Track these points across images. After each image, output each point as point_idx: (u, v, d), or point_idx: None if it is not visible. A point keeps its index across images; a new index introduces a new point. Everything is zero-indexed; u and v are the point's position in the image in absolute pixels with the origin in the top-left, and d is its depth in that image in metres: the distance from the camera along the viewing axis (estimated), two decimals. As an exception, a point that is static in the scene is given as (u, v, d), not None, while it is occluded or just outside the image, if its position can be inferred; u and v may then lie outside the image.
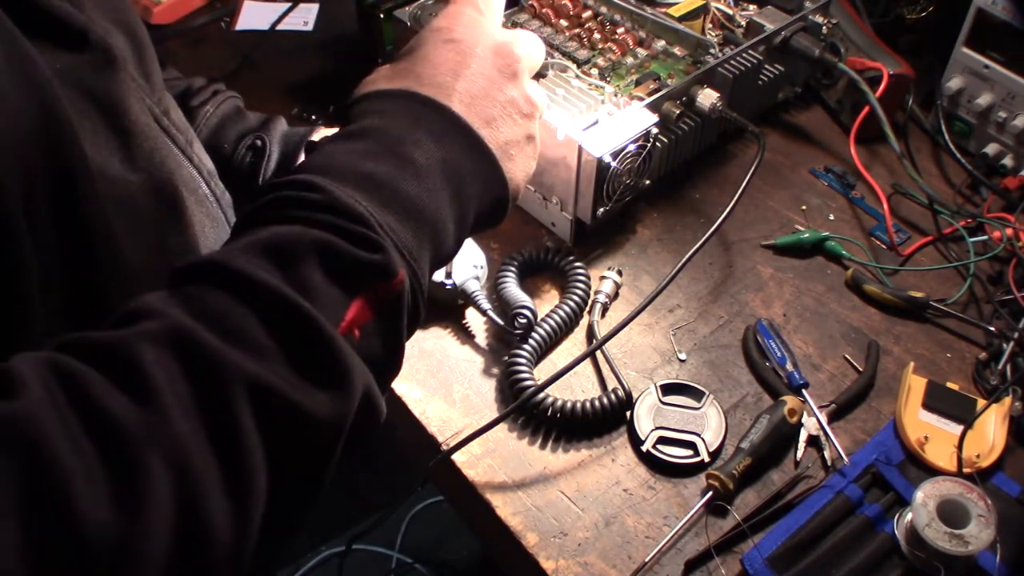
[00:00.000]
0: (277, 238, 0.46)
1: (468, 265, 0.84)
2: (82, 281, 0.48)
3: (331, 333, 0.44)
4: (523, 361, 0.79)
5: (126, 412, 0.38)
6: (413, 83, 0.58)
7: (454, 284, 0.83)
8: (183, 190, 0.58)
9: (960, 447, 0.73)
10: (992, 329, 0.83)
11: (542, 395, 0.76)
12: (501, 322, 0.82)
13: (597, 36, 0.97)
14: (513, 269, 0.86)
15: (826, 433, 0.76)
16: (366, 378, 0.45)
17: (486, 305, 0.82)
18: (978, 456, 0.74)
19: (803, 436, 0.76)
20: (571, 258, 0.88)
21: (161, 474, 0.37)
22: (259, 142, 0.83)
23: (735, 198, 0.84)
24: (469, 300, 0.83)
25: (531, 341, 0.80)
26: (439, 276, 0.82)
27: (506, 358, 0.80)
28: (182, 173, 0.60)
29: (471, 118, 0.57)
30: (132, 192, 0.52)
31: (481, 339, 0.84)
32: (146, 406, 0.38)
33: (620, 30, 0.98)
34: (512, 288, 0.84)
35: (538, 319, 0.82)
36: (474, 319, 0.85)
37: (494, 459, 0.75)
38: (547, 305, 0.85)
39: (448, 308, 0.85)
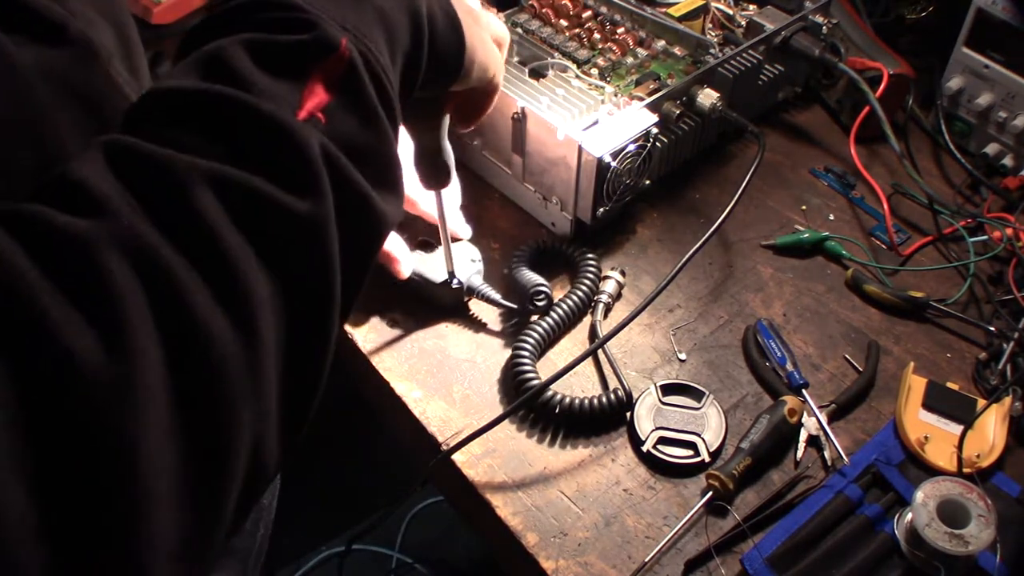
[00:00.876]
0: (203, 52, 0.42)
1: (467, 261, 0.85)
2: None
3: (277, 115, 0.40)
4: (527, 357, 0.79)
5: (73, 224, 0.34)
6: None
7: (460, 282, 0.83)
8: None
9: (960, 447, 0.73)
10: (992, 329, 0.83)
11: (545, 391, 0.76)
12: (515, 307, 0.82)
13: (597, 36, 0.97)
14: (524, 257, 0.87)
15: (826, 433, 0.76)
16: (337, 160, 0.42)
17: (496, 296, 0.83)
18: (978, 456, 0.74)
19: (803, 436, 0.76)
20: (584, 249, 0.88)
21: (128, 277, 0.34)
22: None
23: (735, 198, 0.84)
24: (477, 295, 0.84)
25: (534, 335, 0.81)
26: (443, 276, 0.82)
27: (512, 350, 0.80)
28: None
29: None
30: None
31: (485, 334, 0.84)
32: (94, 215, 0.34)
33: (620, 30, 0.98)
34: (526, 272, 0.84)
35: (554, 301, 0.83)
36: (475, 316, 0.85)
37: (494, 459, 0.75)
38: (555, 297, 0.85)
39: (453, 308, 0.85)
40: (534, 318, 0.83)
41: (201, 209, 0.36)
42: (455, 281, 0.83)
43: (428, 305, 0.85)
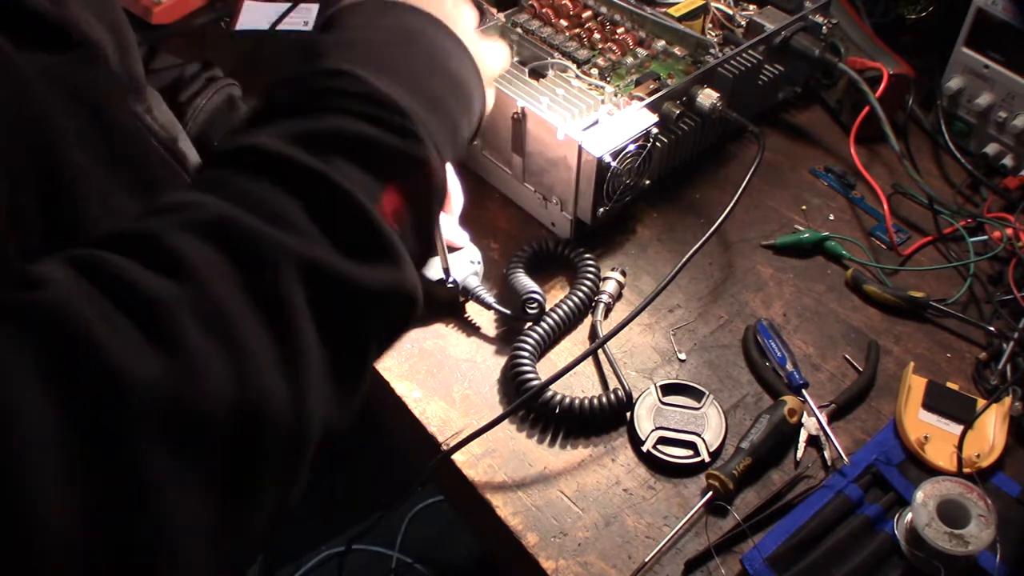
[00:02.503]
0: (312, 126, 0.44)
1: (465, 262, 0.84)
2: None
3: (374, 211, 0.43)
4: (527, 357, 0.79)
5: (159, 287, 0.36)
6: None
7: (455, 282, 0.83)
8: (166, 188, 0.57)
9: (960, 447, 0.73)
10: (992, 329, 0.83)
11: (545, 391, 0.76)
12: (508, 312, 0.82)
13: (597, 36, 0.97)
14: (522, 261, 0.86)
15: (826, 433, 0.76)
16: (411, 264, 0.45)
17: (489, 299, 0.83)
18: (978, 456, 0.74)
19: (803, 436, 0.76)
20: (581, 250, 0.88)
21: (206, 342, 0.36)
22: None
23: (735, 198, 0.84)
24: (471, 296, 0.83)
25: (534, 335, 0.81)
26: (439, 275, 0.82)
27: (512, 351, 0.80)
28: (165, 171, 0.59)
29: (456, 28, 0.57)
30: (114, 190, 0.51)
31: (485, 334, 0.84)
32: (181, 281, 0.36)
33: (620, 30, 0.98)
34: (521, 277, 0.84)
35: (546, 309, 0.83)
36: (475, 316, 0.85)
37: (494, 459, 0.75)
38: (554, 299, 0.85)
39: (448, 307, 0.85)
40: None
41: (287, 294, 0.39)
42: (450, 280, 0.83)
43: (426, 304, 0.85)
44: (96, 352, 0.34)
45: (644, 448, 0.75)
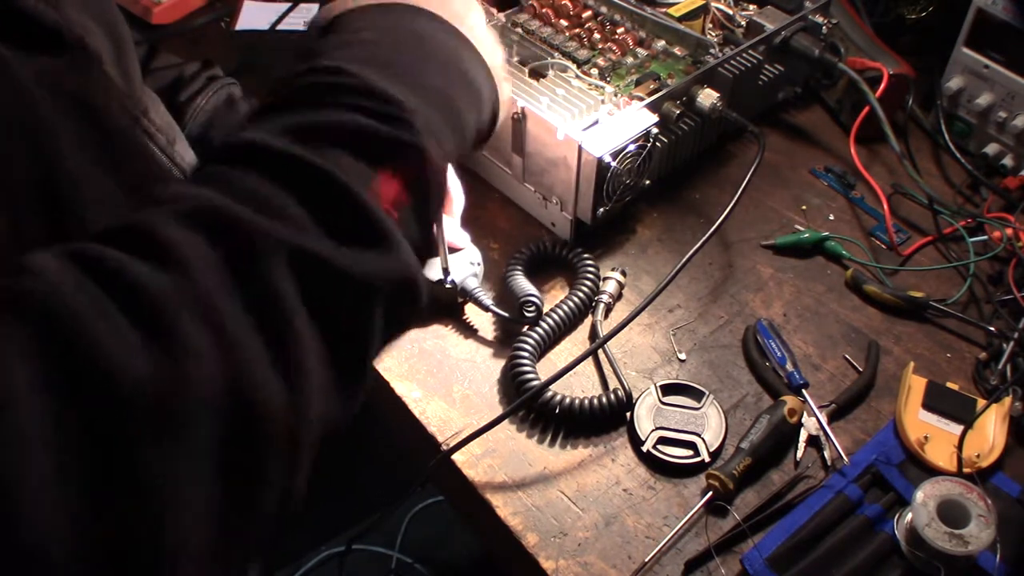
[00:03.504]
0: (307, 120, 0.44)
1: (465, 263, 0.84)
2: None
3: (366, 197, 0.42)
4: (526, 357, 0.79)
5: (152, 279, 0.36)
6: None
7: (453, 282, 0.83)
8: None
9: (960, 447, 0.73)
10: (992, 329, 0.83)
11: (545, 391, 0.76)
12: (506, 315, 0.82)
13: (597, 36, 0.97)
14: (521, 262, 0.86)
15: (826, 433, 0.76)
16: (410, 251, 0.44)
17: (487, 301, 0.83)
18: (978, 456, 0.74)
19: (803, 436, 0.76)
20: (579, 250, 0.88)
21: (199, 335, 0.35)
22: None
23: (735, 198, 0.84)
24: (470, 297, 0.83)
25: (534, 336, 0.81)
26: (437, 275, 0.82)
27: (512, 351, 0.80)
28: (163, 175, 0.59)
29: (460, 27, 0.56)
30: (111, 194, 0.51)
31: (485, 334, 0.84)
32: (175, 273, 0.36)
33: (620, 30, 0.98)
34: (520, 280, 0.84)
35: (544, 312, 0.82)
36: (475, 316, 0.85)
37: (494, 459, 0.75)
38: (553, 301, 0.85)
39: (448, 307, 0.85)
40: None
41: (279, 286, 0.38)
42: (448, 280, 0.82)
43: (429, 304, 0.85)
44: (87, 343, 0.33)
45: (644, 448, 0.75)
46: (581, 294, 0.84)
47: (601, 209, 0.87)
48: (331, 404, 0.41)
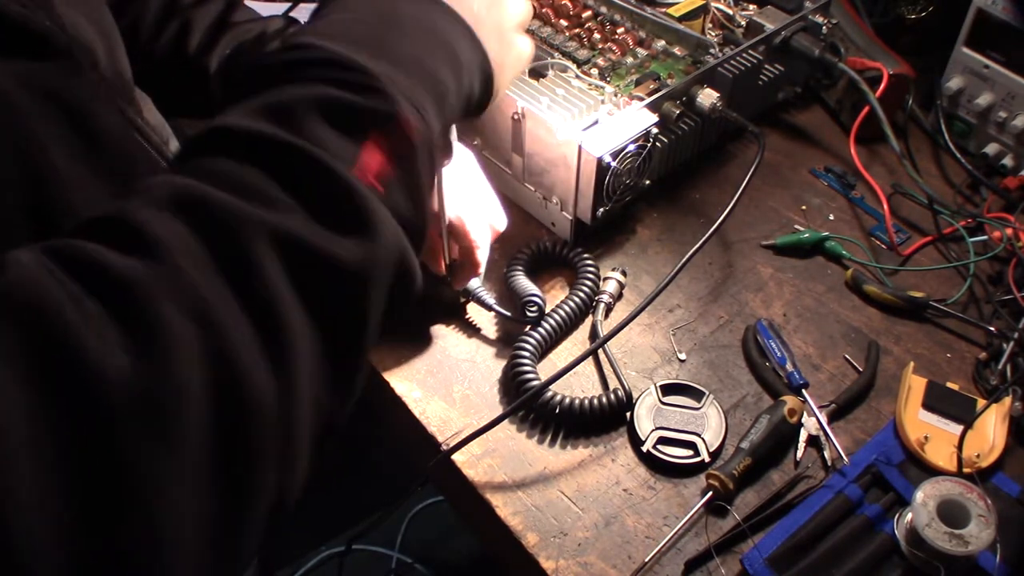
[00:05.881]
0: (275, 98, 0.43)
1: None
2: None
3: (347, 176, 0.41)
4: (527, 358, 0.79)
5: (129, 267, 0.35)
6: None
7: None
8: None
9: (960, 447, 0.73)
10: (992, 329, 0.83)
11: (545, 391, 0.76)
12: (508, 314, 0.82)
13: (597, 36, 0.97)
14: (522, 263, 0.86)
15: (826, 433, 0.76)
16: (395, 230, 0.43)
17: (490, 300, 0.83)
18: (978, 456, 0.74)
19: (803, 436, 0.76)
20: (579, 250, 0.88)
21: (180, 323, 0.34)
22: None
23: (735, 198, 0.84)
24: (473, 298, 0.84)
25: (535, 336, 0.81)
26: (441, 273, 0.82)
27: (513, 351, 0.80)
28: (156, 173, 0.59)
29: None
30: (103, 198, 0.51)
31: (485, 334, 0.84)
32: (152, 260, 0.35)
33: (620, 30, 0.98)
34: (522, 280, 0.84)
35: (546, 311, 0.82)
36: (476, 316, 0.85)
37: (494, 459, 0.75)
38: (554, 301, 0.85)
39: (449, 307, 0.85)
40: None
41: (262, 268, 0.37)
42: (449, 278, 0.83)
43: (428, 304, 0.85)
44: (66, 341, 0.32)
45: (644, 448, 0.75)
46: (581, 294, 0.84)
47: (601, 209, 0.87)
48: (324, 392, 0.40)
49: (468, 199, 0.79)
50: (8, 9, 0.46)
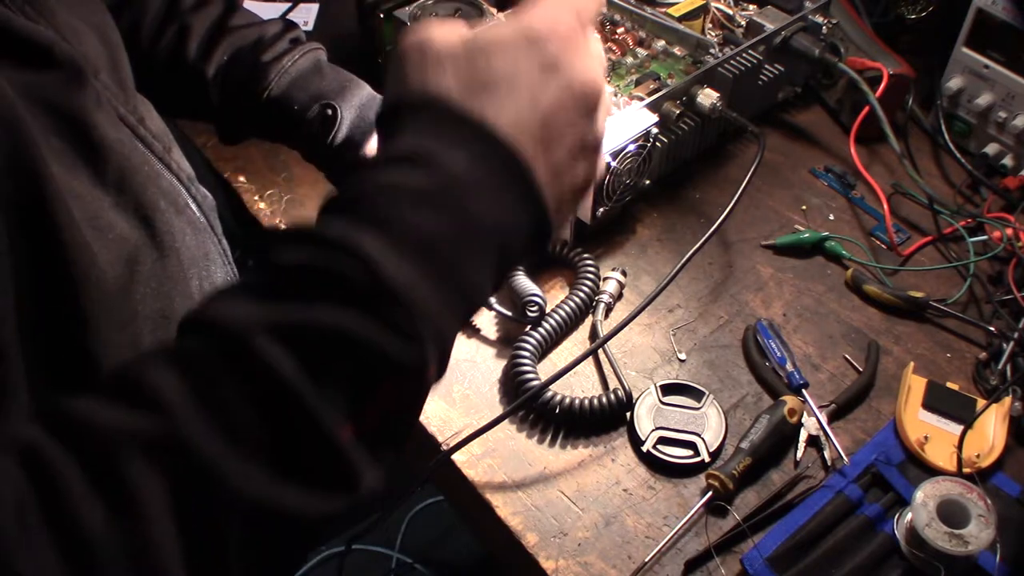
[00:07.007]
0: (300, 319, 0.39)
1: None
2: (60, 303, 0.47)
3: (337, 438, 0.38)
4: (527, 357, 0.79)
5: (100, 526, 0.35)
6: (488, 109, 0.44)
7: None
8: (161, 200, 0.56)
9: (960, 447, 0.73)
10: (992, 329, 0.83)
11: (545, 391, 0.76)
12: (509, 314, 0.82)
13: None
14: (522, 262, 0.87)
15: (826, 433, 0.76)
16: (374, 478, 0.41)
17: (491, 300, 0.83)
18: (978, 456, 0.74)
19: (803, 436, 0.76)
20: (579, 250, 0.88)
21: (148, 475, 0.35)
22: (330, 111, 0.75)
23: (735, 198, 0.84)
24: None
25: (536, 336, 0.81)
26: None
27: (513, 351, 0.80)
28: (160, 183, 0.58)
29: (539, 168, 0.45)
30: (104, 210, 0.50)
31: (485, 334, 0.84)
32: (124, 519, 0.35)
33: (620, 30, 0.98)
34: (522, 280, 0.84)
35: (546, 311, 0.82)
36: (477, 315, 0.85)
37: (494, 459, 0.75)
38: (554, 300, 0.85)
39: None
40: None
41: (224, 537, 0.37)
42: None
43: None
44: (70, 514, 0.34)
45: (644, 448, 0.75)
46: (581, 294, 0.84)
47: (601, 209, 0.87)
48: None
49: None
50: (13, 21, 0.46)
